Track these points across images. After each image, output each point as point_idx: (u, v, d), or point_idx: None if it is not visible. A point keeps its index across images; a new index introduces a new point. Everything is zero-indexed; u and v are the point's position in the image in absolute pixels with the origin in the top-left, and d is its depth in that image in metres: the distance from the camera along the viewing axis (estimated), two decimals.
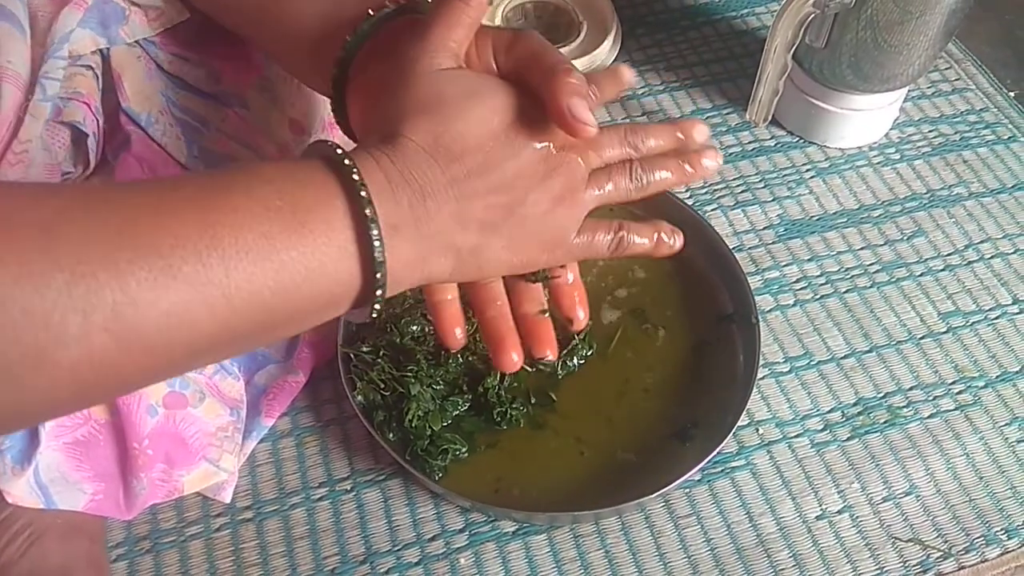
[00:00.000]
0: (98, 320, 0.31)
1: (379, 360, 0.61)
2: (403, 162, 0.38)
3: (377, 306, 0.38)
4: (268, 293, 0.34)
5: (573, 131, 0.39)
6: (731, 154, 0.81)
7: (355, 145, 0.41)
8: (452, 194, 0.39)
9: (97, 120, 0.53)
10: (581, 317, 0.49)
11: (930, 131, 0.83)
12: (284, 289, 0.35)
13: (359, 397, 0.60)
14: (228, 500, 0.59)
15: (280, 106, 0.61)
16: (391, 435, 0.60)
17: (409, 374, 0.60)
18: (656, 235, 0.47)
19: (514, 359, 0.47)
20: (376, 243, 0.36)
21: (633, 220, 0.46)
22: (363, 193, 0.36)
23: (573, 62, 0.61)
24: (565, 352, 0.64)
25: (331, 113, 0.48)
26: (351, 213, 0.36)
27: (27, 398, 0.31)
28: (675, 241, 0.48)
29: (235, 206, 0.34)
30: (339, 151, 0.37)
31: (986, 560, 0.58)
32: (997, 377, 0.67)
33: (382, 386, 0.60)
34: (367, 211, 0.36)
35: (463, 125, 0.39)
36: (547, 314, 0.49)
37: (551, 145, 0.41)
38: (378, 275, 0.37)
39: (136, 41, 0.55)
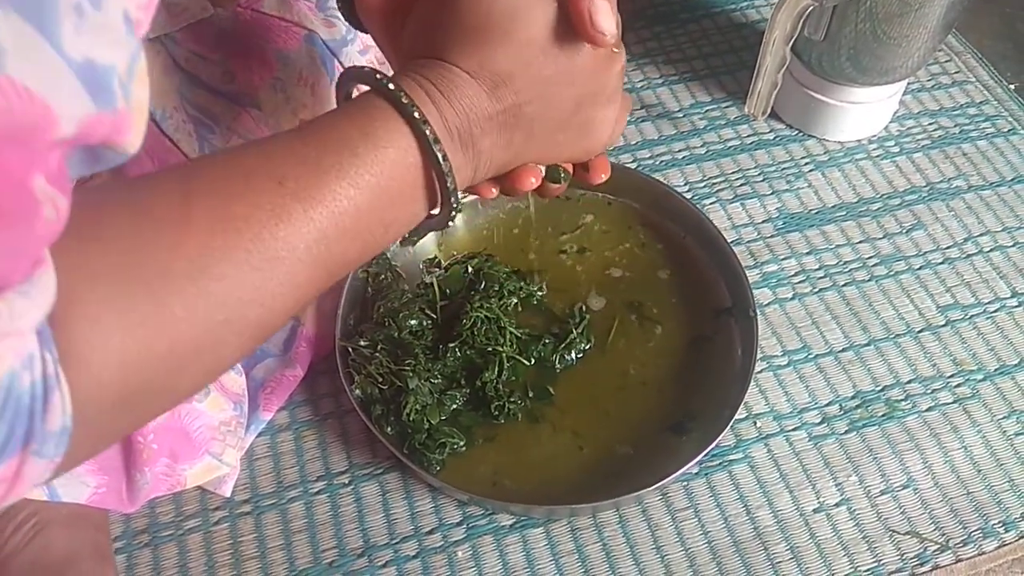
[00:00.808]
0: (306, 260, 0.35)
1: (377, 354, 0.61)
2: (450, 90, 0.38)
3: (454, 217, 0.41)
4: (357, 255, 0.38)
5: (592, 40, 0.39)
6: (730, 147, 0.80)
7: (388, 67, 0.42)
8: (497, 120, 0.39)
9: None
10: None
11: (930, 124, 0.83)
12: (370, 246, 0.38)
13: (357, 391, 0.60)
14: (228, 494, 0.60)
15: (292, 107, 0.61)
16: (389, 429, 0.60)
17: (407, 368, 0.60)
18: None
19: (532, 181, 0.45)
20: (449, 181, 0.38)
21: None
22: (428, 133, 0.37)
23: None
24: (563, 346, 0.64)
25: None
26: (420, 154, 0.38)
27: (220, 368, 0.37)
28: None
29: (335, 194, 0.36)
30: (386, 82, 0.38)
31: (983, 553, 0.59)
32: (995, 370, 0.67)
33: (380, 380, 0.60)
34: (438, 153, 0.38)
35: (507, 48, 0.38)
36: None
37: (593, 56, 0.40)
38: (453, 201, 0.39)
39: (157, 36, 0.55)
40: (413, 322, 0.63)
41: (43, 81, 0.24)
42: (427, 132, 0.37)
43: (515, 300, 0.65)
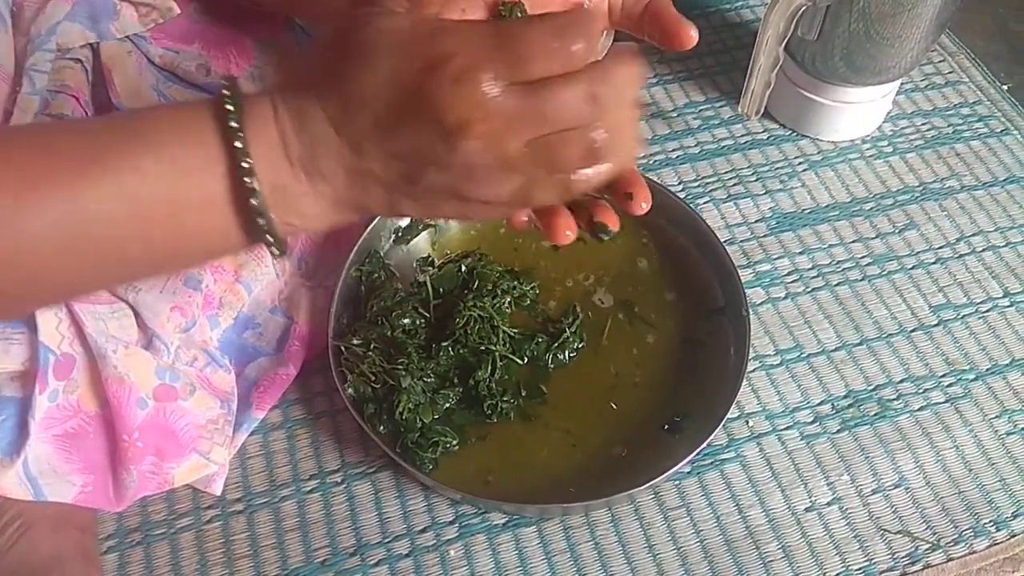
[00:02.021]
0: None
1: (370, 353, 0.61)
2: (297, 112, 0.35)
3: (274, 250, 0.37)
4: (139, 247, 0.35)
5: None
6: (723, 147, 0.80)
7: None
8: (344, 152, 0.35)
9: (86, 113, 0.53)
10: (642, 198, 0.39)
11: (923, 124, 0.83)
12: (157, 247, 0.36)
13: (350, 390, 0.60)
14: (218, 492, 0.59)
15: None
16: (382, 428, 0.60)
17: (400, 367, 0.60)
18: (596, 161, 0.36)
19: (567, 234, 0.39)
20: (260, 216, 0.35)
21: None
22: (244, 163, 0.34)
23: None
24: (556, 345, 0.64)
25: None
26: (228, 167, 0.34)
27: None
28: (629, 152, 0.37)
29: (118, 165, 0.34)
30: (229, 105, 0.35)
31: (974, 552, 0.59)
32: (987, 370, 0.67)
33: (373, 379, 0.60)
34: (246, 180, 0.34)
35: (356, 74, 0.34)
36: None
37: (450, 116, 0.32)
38: (268, 237, 0.36)
39: (127, 36, 0.55)
40: (406, 321, 0.63)
41: None
42: (236, 144, 0.34)
43: (508, 299, 0.65)
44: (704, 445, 0.57)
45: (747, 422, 0.64)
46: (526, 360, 0.64)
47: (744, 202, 0.77)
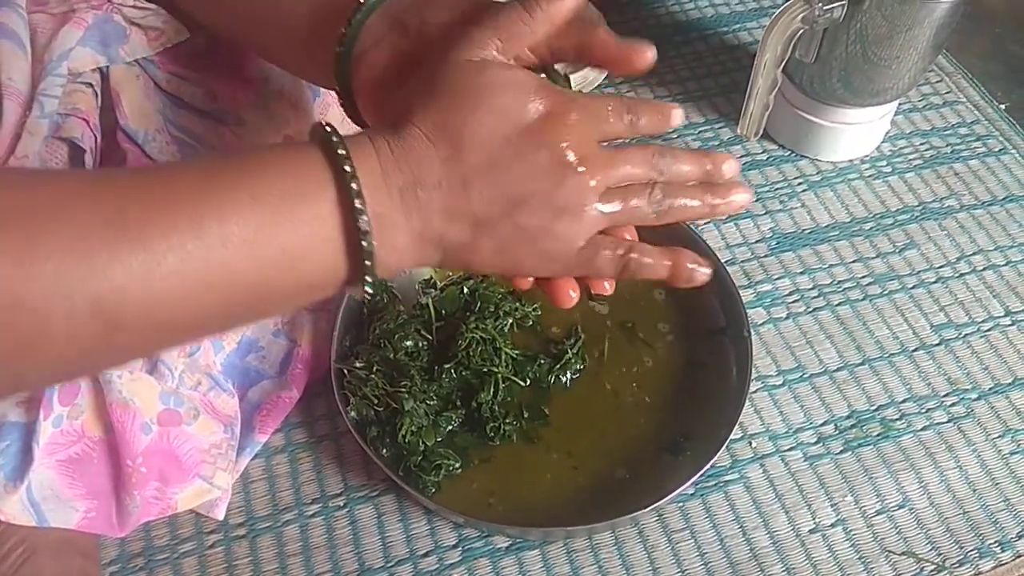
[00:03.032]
0: (84, 308, 0.31)
1: (373, 376, 0.61)
2: (401, 149, 0.37)
3: (368, 289, 0.38)
4: (249, 282, 0.35)
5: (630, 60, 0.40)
6: None
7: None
8: (446, 187, 0.37)
9: (95, 137, 0.53)
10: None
11: (921, 144, 0.83)
12: (266, 279, 0.35)
13: (352, 413, 0.60)
14: (221, 517, 0.59)
15: (275, 124, 0.61)
16: (384, 451, 0.60)
17: (403, 390, 0.60)
18: (671, 264, 0.43)
19: (572, 295, 0.44)
20: (364, 239, 0.36)
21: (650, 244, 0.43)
22: (354, 186, 0.35)
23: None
24: (558, 367, 0.64)
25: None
26: (340, 203, 0.36)
27: (12, 382, 0.33)
28: (697, 272, 0.44)
29: (222, 198, 0.34)
30: (335, 138, 0.36)
31: (980, 573, 0.58)
32: (990, 389, 0.67)
33: (375, 402, 0.60)
34: (356, 203, 0.35)
35: (473, 117, 0.37)
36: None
37: (571, 154, 0.38)
38: (367, 262, 0.37)
39: (135, 60, 0.56)
40: (409, 343, 0.63)
41: None
42: (358, 204, 0.35)
43: (510, 321, 0.65)
44: (707, 467, 0.57)
45: (750, 443, 0.64)
46: (528, 382, 0.64)
47: (745, 222, 0.77)
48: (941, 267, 0.74)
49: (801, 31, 0.69)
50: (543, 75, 0.42)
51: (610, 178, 0.40)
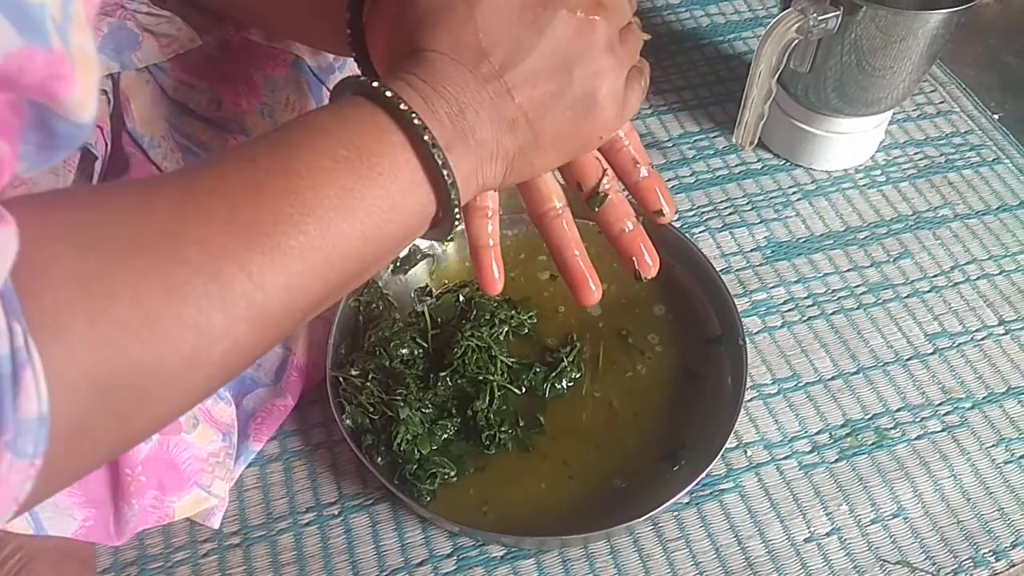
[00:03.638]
0: (237, 312, 0.32)
1: (368, 384, 0.61)
2: (432, 77, 0.37)
3: (456, 221, 0.39)
4: (360, 242, 0.36)
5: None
6: (718, 176, 0.81)
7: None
8: (489, 96, 0.38)
9: (107, 144, 0.54)
10: (666, 211, 0.48)
11: (916, 153, 0.84)
12: (372, 235, 0.36)
13: (347, 421, 0.60)
14: (217, 526, 0.59)
15: None
16: (379, 459, 0.60)
17: (398, 398, 0.60)
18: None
19: (592, 288, 0.48)
20: (444, 169, 0.36)
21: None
22: (416, 121, 0.36)
23: None
24: (553, 375, 0.64)
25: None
26: (411, 145, 0.36)
27: (184, 397, 0.33)
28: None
29: (309, 166, 0.34)
30: (374, 84, 0.36)
31: None
32: (984, 398, 0.67)
33: (371, 410, 0.60)
34: (425, 137, 0.36)
35: (480, 19, 0.37)
36: (640, 220, 0.50)
37: (580, 10, 0.39)
38: (452, 195, 0.37)
39: (145, 66, 0.56)
40: (404, 351, 0.63)
41: None
42: (426, 138, 0.36)
43: (506, 329, 0.65)
44: (703, 476, 0.57)
45: (745, 452, 0.64)
46: (524, 390, 0.64)
47: (739, 231, 0.77)
48: (935, 276, 0.74)
49: (796, 41, 0.69)
50: None
51: (619, 16, 0.41)
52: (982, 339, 0.71)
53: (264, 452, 0.63)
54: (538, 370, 0.64)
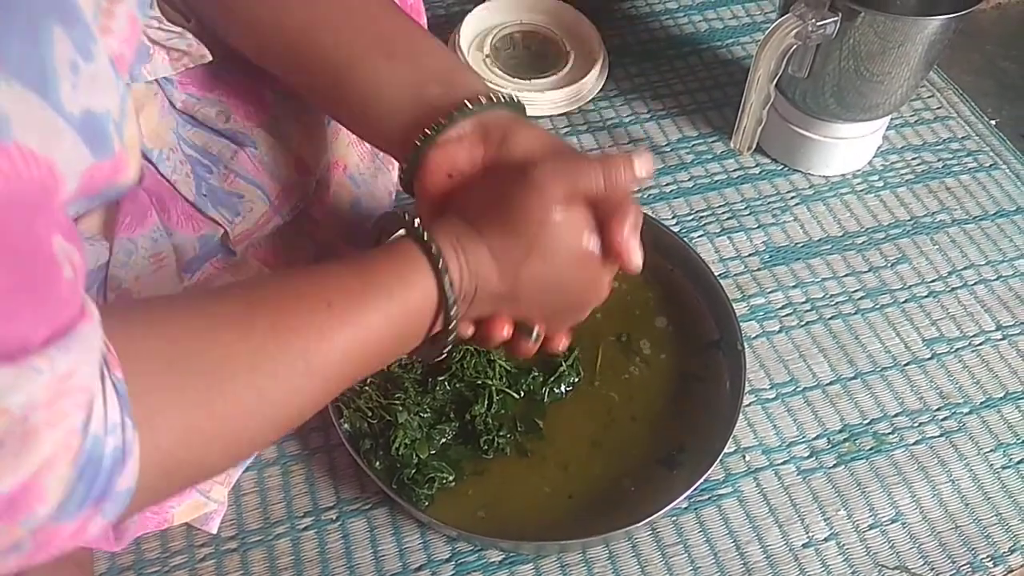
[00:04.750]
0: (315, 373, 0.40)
1: (366, 388, 0.61)
2: (469, 263, 0.44)
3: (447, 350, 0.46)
4: (385, 348, 0.44)
5: (623, 261, 0.46)
6: (716, 181, 0.81)
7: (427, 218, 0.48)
8: (500, 298, 0.45)
9: None
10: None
11: (913, 159, 0.84)
12: (393, 345, 0.44)
13: (346, 425, 0.60)
14: (215, 531, 0.59)
15: (288, 145, 0.61)
16: (378, 463, 0.59)
17: (396, 402, 0.60)
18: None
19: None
20: (451, 318, 0.44)
21: None
22: (447, 280, 0.43)
23: (561, 90, 0.63)
24: (552, 379, 0.64)
25: (341, 155, 0.56)
26: (437, 290, 0.43)
27: (265, 438, 0.46)
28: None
29: (370, 322, 0.41)
30: (427, 240, 0.43)
31: None
32: (981, 403, 0.67)
33: (369, 414, 0.60)
34: (448, 292, 0.43)
35: (531, 253, 0.44)
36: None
37: (605, 278, 0.48)
38: (450, 333, 0.45)
39: (155, 79, 0.56)
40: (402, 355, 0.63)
41: (46, 142, 0.25)
42: (447, 283, 0.43)
43: None
44: (701, 480, 0.57)
45: (744, 457, 0.64)
46: (522, 394, 0.64)
47: (737, 236, 0.77)
48: (933, 281, 0.75)
49: (794, 47, 0.69)
50: None
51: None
52: (980, 344, 0.71)
53: (262, 456, 0.63)
54: (536, 374, 0.64)
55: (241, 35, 0.55)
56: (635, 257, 0.46)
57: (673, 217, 0.78)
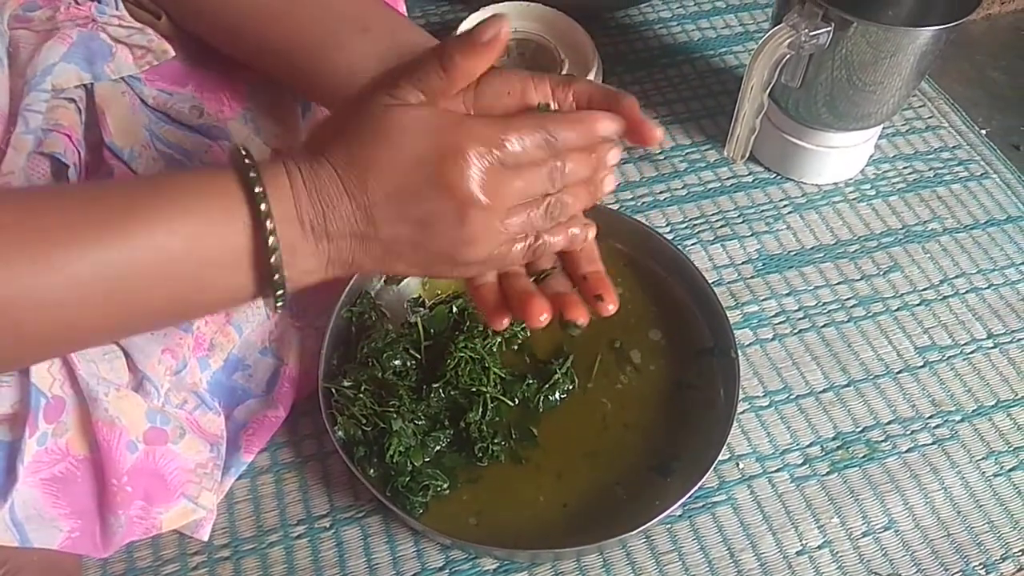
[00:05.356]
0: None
1: (360, 395, 0.61)
2: (313, 182, 0.39)
3: (279, 305, 0.41)
4: (165, 293, 0.39)
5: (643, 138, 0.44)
6: (710, 189, 0.82)
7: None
8: (354, 218, 0.40)
9: (79, 152, 0.53)
10: (612, 296, 0.46)
11: (905, 168, 0.85)
12: (180, 292, 0.39)
13: (339, 432, 0.60)
14: (206, 538, 0.59)
15: (263, 138, 0.61)
16: (372, 471, 0.59)
17: (391, 409, 0.60)
18: (568, 231, 0.45)
19: (543, 318, 0.45)
20: (275, 265, 0.39)
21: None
22: (262, 207, 0.38)
23: None
24: (546, 387, 0.64)
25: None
26: (253, 227, 0.38)
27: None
28: (587, 233, 0.46)
29: (145, 217, 0.37)
30: (248, 161, 0.39)
31: None
32: (973, 411, 0.68)
33: (363, 421, 0.60)
34: (268, 223, 0.38)
35: (377, 155, 0.39)
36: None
37: (468, 190, 0.40)
38: (276, 281, 0.40)
39: (121, 77, 0.55)
40: (397, 362, 0.63)
41: None
42: (261, 207, 0.38)
43: (499, 340, 0.65)
44: (695, 488, 0.57)
45: (737, 464, 0.64)
46: (517, 402, 0.64)
47: (731, 244, 0.77)
48: (924, 290, 0.75)
49: (787, 56, 0.70)
50: None
51: (508, 202, 0.41)
52: (971, 352, 0.71)
53: (255, 464, 0.62)
54: (531, 382, 0.64)
55: (213, 24, 0.55)
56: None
57: (667, 224, 0.78)
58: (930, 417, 0.67)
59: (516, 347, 0.67)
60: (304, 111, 0.64)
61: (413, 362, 0.64)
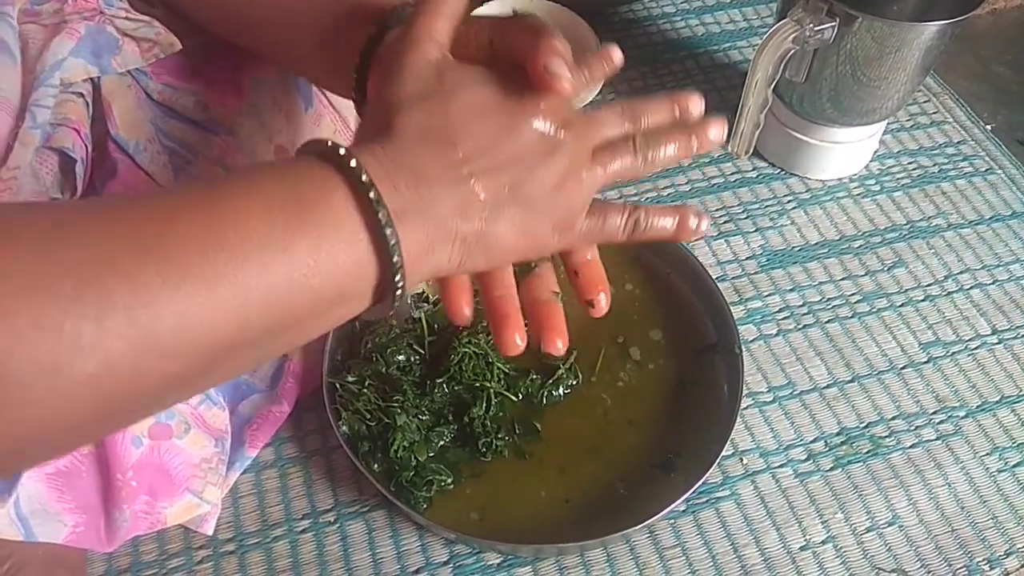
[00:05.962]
0: (111, 326, 0.29)
1: (365, 390, 0.61)
2: (396, 151, 0.37)
3: (398, 293, 0.37)
4: (281, 290, 0.34)
5: (549, 85, 0.39)
6: (714, 184, 0.82)
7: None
8: (450, 178, 0.38)
9: (86, 147, 0.53)
10: (602, 302, 0.46)
11: (909, 163, 0.84)
12: (296, 285, 0.34)
13: (344, 427, 0.60)
14: (210, 532, 0.59)
15: (267, 132, 0.61)
16: (376, 466, 0.59)
17: (395, 404, 0.60)
18: (676, 218, 0.45)
19: (517, 341, 0.44)
20: (387, 228, 0.35)
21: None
22: (364, 178, 0.35)
23: None
24: (550, 382, 0.64)
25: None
26: (354, 200, 0.35)
27: (47, 417, 0.30)
28: (699, 223, 0.46)
29: (237, 208, 0.33)
30: (331, 143, 0.36)
31: None
32: (977, 407, 0.68)
33: (367, 416, 0.60)
34: (371, 195, 0.35)
35: (455, 109, 0.39)
36: (559, 298, 0.47)
37: (550, 123, 0.40)
38: (394, 259, 0.36)
39: (127, 71, 0.56)
40: (401, 357, 0.63)
41: None
42: (372, 195, 0.35)
43: None
44: (699, 483, 0.57)
45: (741, 460, 0.64)
46: (520, 397, 0.64)
47: (735, 239, 0.77)
48: (929, 285, 0.75)
49: (792, 52, 0.70)
50: None
51: (592, 139, 0.42)
52: (976, 348, 0.71)
53: (259, 458, 0.63)
54: (535, 377, 0.64)
55: (207, 6, 0.54)
56: (555, 69, 0.38)
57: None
58: (934, 413, 0.67)
59: None
60: (307, 107, 0.65)
61: (417, 357, 0.64)
